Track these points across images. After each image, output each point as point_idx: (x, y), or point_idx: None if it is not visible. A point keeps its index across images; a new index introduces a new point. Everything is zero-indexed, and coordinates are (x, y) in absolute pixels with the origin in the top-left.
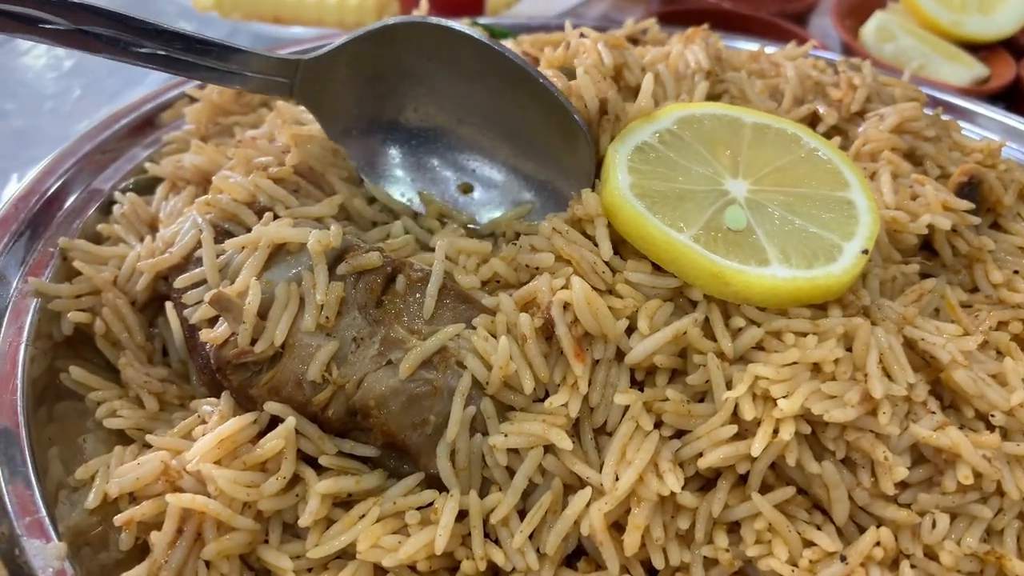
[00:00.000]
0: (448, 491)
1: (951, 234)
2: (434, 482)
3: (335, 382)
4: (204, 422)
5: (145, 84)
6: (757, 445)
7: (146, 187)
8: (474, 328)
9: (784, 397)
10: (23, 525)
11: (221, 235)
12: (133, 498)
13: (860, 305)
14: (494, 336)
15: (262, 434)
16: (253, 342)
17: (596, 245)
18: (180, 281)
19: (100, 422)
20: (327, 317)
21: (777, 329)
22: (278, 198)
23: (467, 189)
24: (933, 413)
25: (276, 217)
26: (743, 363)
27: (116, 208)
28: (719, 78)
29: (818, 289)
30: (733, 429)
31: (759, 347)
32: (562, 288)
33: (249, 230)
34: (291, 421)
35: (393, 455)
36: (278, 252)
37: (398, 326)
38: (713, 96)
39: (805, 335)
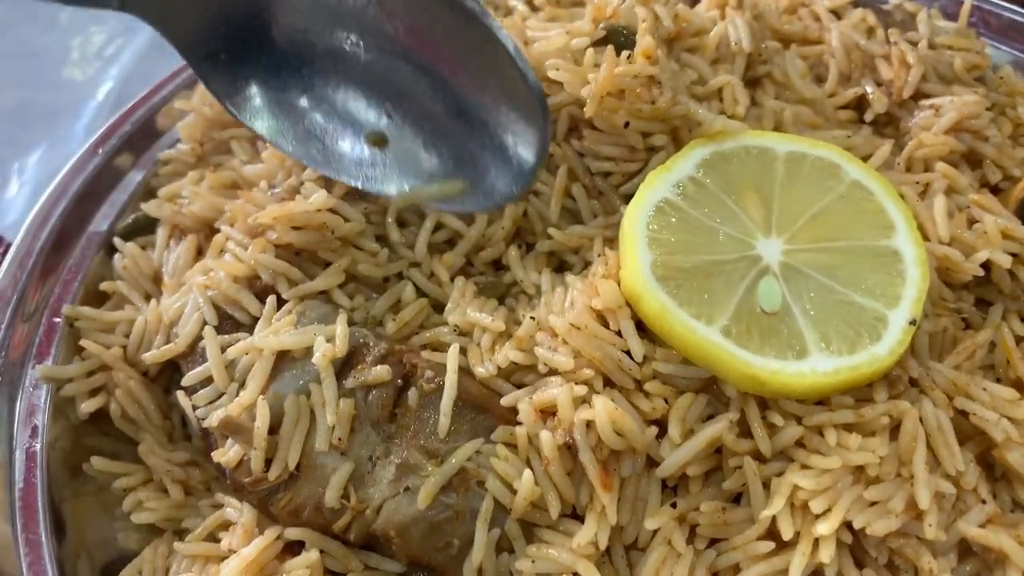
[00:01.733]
0: None
1: (1013, 260)
2: None
3: (354, 508)
4: (229, 523)
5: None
6: (795, 568)
7: (146, 226)
8: (493, 443)
9: (824, 512)
10: None
11: (224, 319)
12: None
13: (907, 378)
14: (514, 451)
15: (288, 546)
16: (267, 462)
17: (619, 336)
18: (188, 379)
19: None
20: (339, 438)
21: (818, 424)
22: (279, 272)
23: (378, 141)
24: (983, 502)
25: (279, 298)
26: (783, 459)
27: (117, 259)
28: (762, 58)
29: (862, 377)
30: (770, 545)
31: (800, 443)
32: (583, 403)
33: (254, 317)
34: (315, 553)
35: (421, 570)
36: (283, 357)
37: (413, 449)
38: (753, 79)
39: (849, 429)
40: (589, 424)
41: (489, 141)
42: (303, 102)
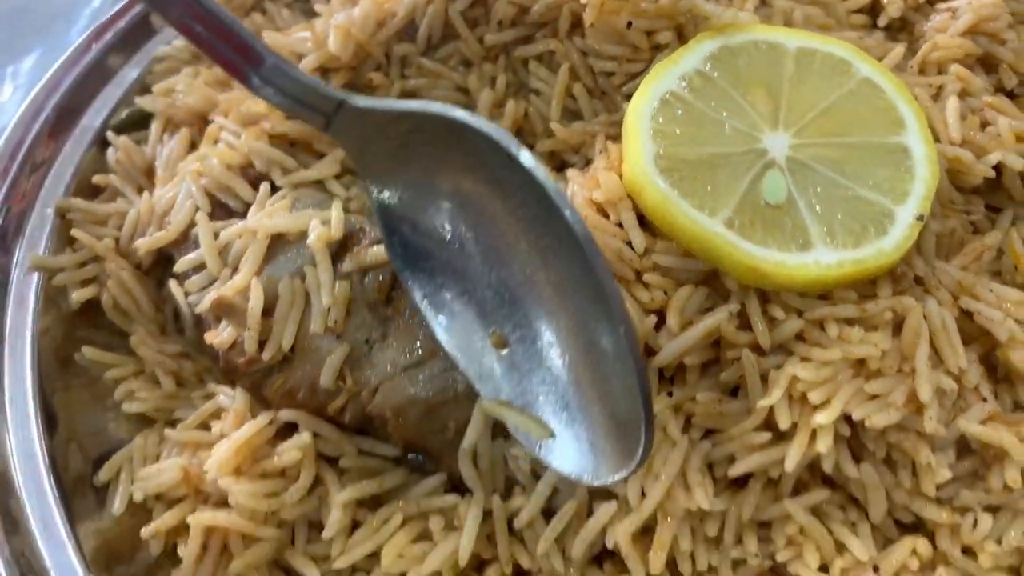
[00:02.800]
0: (471, 493)
1: None
2: (458, 481)
3: (349, 389)
4: (221, 411)
5: None
6: (791, 457)
7: (140, 121)
8: None
9: (823, 403)
10: (48, 551)
11: (217, 207)
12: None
13: (913, 276)
14: None
15: (280, 431)
16: (261, 344)
17: (621, 227)
18: (180, 265)
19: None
20: (335, 320)
21: (820, 317)
22: (274, 160)
23: (501, 344)
24: (984, 400)
25: (273, 186)
26: (782, 352)
27: (110, 153)
28: None
29: (867, 272)
30: (766, 436)
31: (800, 337)
32: None
33: (247, 204)
34: (307, 435)
35: (415, 452)
36: (278, 241)
37: (411, 329)
38: None
39: (851, 323)
40: None
41: (587, 413)
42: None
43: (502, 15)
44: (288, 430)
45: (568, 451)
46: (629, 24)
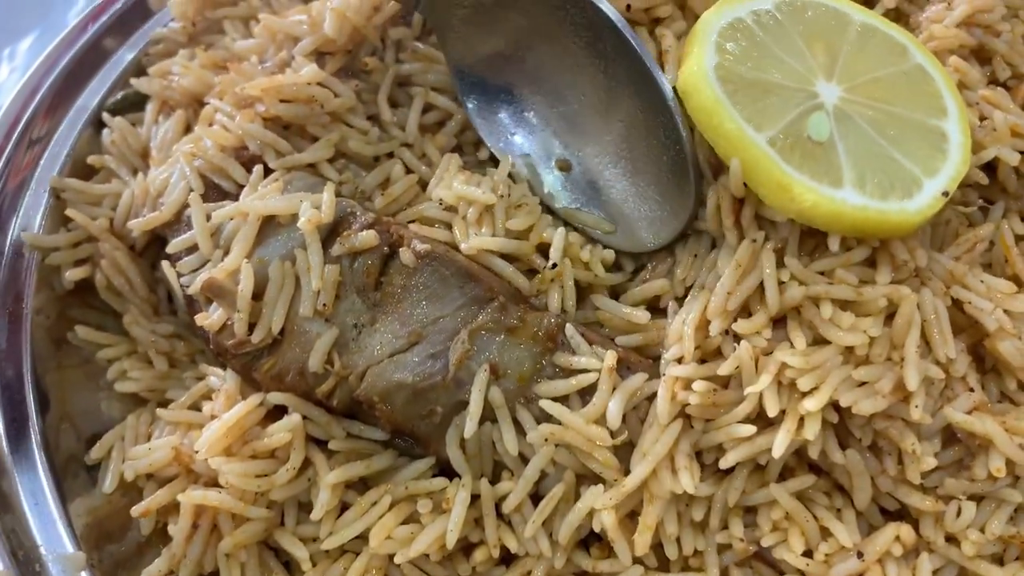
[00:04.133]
0: (459, 477)
1: (1021, 159)
2: (445, 464)
3: (337, 373)
4: (213, 392)
5: None
6: (779, 445)
7: (136, 102)
8: (482, 314)
9: (811, 390)
10: (38, 527)
11: (210, 188)
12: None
13: (912, 267)
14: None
15: (270, 413)
16: (250, 327)
17: None
18: (173, 246)
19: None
20: (324, 304)
21: (816, 295)
22: (267, 143)
23: (564, 167)
24: (971, 390)
25: (266, 168)
26: (781, 328)
27: (105, 134)
28: None
29: (887, 224)
30: (753, 429)
31: (796, 311)
32: None
33: (240, 186)
34: (297, 417)
35: (403, 436)
36: (269, 223)
37: (400, 314)
38: None
39: (844, 307)
40: None
41: (647, 198)
42: (518, 118)
43: None
44: (278, 412)
45: (635, 230)
46: (628, 7)
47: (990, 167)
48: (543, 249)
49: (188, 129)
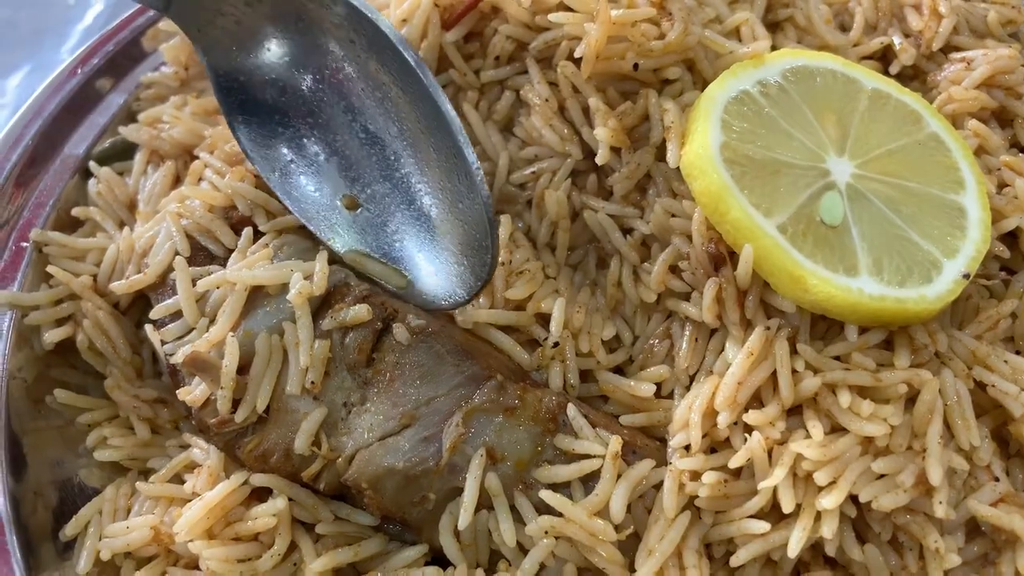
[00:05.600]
0: (453, 566)
1: None
2: (439, 552)
3: (325, 456)
4: (195, 464)
5: None
6: (794, 544)
7: (124, 150)
8: (478, 394)
9: (829, 484)
10: None
11: (197, 250)
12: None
13: (934, 350)
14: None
15: (256, 491)
16: (235, 403)
17: None
18: (157, 312)
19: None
20: (313, 382)
21: (834, 382)
22: (258, 203)
23: (351, 205)
24: (996, 480)
25: (256, 230)
26: (795, 415)
27: (91, 185)
28: (783, 1)
29: (906, 313)
30: (767, 526)
31: (813, 400)
32: None
33: (228, 249)
34: (282, 500)
35: (393, 523)
36: (257, 292)
37: (392, 396)
38: (773, 23)
39: (864, 394)
40: None
41: (442, 248)
42: (293, 145)
43: (499, 51)
44: (263, 491)
45: (427, 285)
46: (636, 66)
47: (1011, 236)
48: (544, 318)
49: (178, 180)
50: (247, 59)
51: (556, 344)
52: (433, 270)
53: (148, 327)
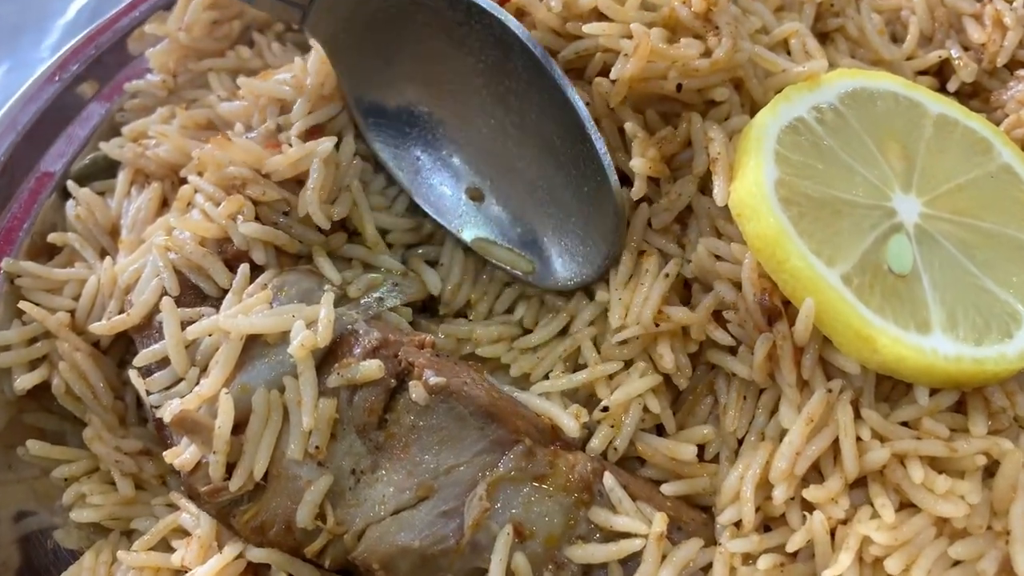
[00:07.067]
0: None
1: None
2: None
3: (330, 530)
4: (185, 533)
5: None
6: None
7: (106, 167)
8: (504, 460)
9: (902, 573)
10: None
11: (187, 289)
12: None
13: (1011, 415)
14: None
15: (251, 567)
16: (229, 467)
17: None
18: (141, 359)
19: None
20: (317, 446)
21: (904, 452)
22: (256, 237)
23: (476, 195)
24: None
25: (254, 266)
26: (859, 491)
27: (70, 207)
28: (834, 9)
29: (984, 375)
30: None
31: (880, 474)
32: None
33: (222, 289)
34: None
35: None
36: (255, 341)
37: (406, 463)
38: (822, 33)
39: (937, 466)
40: None
41: (567, 231)
42: (422, 144)
43: None
44: (262, 565)
45: (553, 267)
46: (679, 87)
47: None
48: None
49: (165, 204)
50: (374, 61)
51: (606, 409)
52: (558, 251)
53: (132, 372)
